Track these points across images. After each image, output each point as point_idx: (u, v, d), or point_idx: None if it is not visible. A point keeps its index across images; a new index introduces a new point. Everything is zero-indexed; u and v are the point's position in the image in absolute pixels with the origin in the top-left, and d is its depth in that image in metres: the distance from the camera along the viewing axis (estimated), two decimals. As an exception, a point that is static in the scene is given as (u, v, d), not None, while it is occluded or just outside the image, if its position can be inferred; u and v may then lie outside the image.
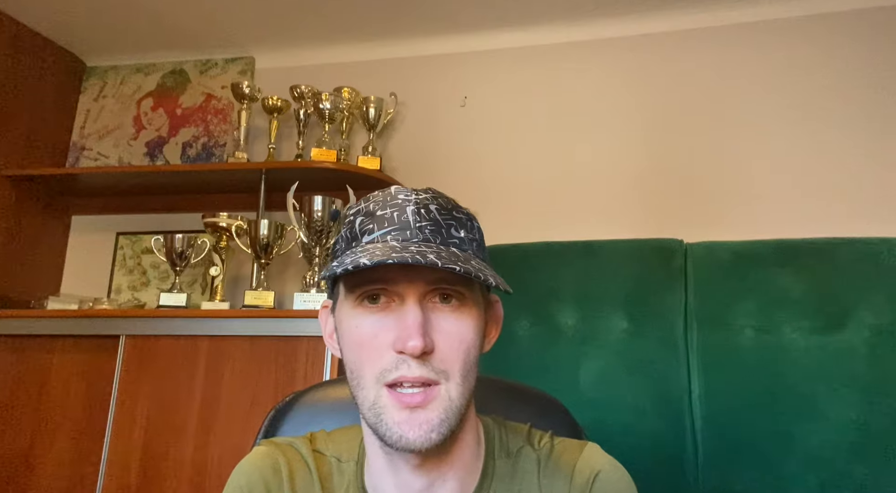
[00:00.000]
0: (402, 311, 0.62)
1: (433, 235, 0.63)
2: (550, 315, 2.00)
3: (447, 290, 0.63)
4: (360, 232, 0.64)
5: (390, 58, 2.59)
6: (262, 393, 1.88)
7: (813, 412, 1.73)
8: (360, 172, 2.27)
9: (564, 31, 2.44)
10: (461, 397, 0.63)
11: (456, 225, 0.66)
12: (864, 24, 2.18)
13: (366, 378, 0.62)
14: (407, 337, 0.60)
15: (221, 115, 2.65)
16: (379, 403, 0.61)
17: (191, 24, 2.52)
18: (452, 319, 0.63)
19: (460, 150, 2.45)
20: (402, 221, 0.63)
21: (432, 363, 0.61)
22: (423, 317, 0.61)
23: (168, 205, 2.62)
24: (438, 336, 0.62)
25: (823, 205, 2.09)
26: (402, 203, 0.65)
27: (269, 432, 0.95)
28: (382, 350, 0.62)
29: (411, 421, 0.60)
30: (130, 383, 1.97)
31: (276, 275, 2.43)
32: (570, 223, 2.27)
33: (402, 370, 0.60)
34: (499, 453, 0.72)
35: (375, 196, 0.67)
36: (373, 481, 0.69)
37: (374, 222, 0.64)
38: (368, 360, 0.62)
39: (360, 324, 0.63)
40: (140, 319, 2.03)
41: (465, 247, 0.65)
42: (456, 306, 0.64)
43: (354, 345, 0.64)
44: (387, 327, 0.62)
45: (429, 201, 0.65)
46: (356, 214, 0.67)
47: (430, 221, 0.64)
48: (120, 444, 1.93)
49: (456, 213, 0.67)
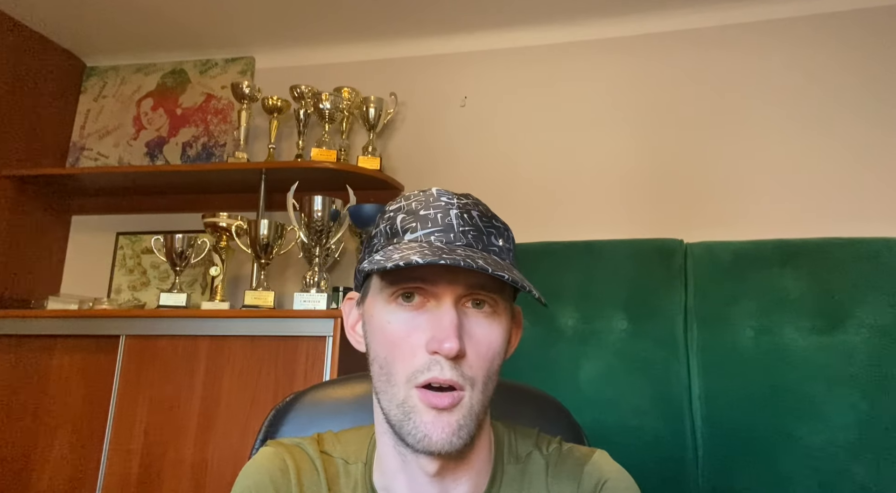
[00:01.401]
0: (438, 312, 0.62)
1: (475, 241, 0.64)
2: (550, 315, 2.00)
3: (482, 295, 0.63)
4: (402, 229, 0.64)
5: (390, 58, 2.59)
6: (262, 393, 1.88)
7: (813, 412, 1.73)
8: (360, 172, 2.27)
9: (564, 31, 2.44)
10: (481, 404, 0.63)
11: (495, 233, 0.66)
12: (864, 24, 2.18)
13: (397, 376, 0.62)
14: (444, 338, 0.60)
15: (221, 115, 2.65)
16: (409, 402, 0.61)
17: (191, 24, 2.52)
18: (485, 324, 0.64)
19: (460, 150, 2.45)
20: (445, 223, 0.64)
21: (462, 368, 0.61)
22: (459, 320, 0.61)
23: (168, 205, 2.62)
24: (469, 341, 0.62)
25: (823, 205, 2.09)
26: (445, 205, 0.65)
27: (269, 432, 0.95)
28: (416, 349, 0.62)
29: (437, 422, 0.61)
30: (130, 383, 1.97)
31: (276, 275, 2.44)
32: (570, 223, 2.27)
33: (435, 372, 0.60)
34: (508, 457, 0.72)
35: (416, 196, 0.68)
36: (384, 482, 0.69)
37: (417, 221, 0.64)
38: (401, 358, 0.62)
39: (392, 320, 0.63)
40: (140, 319, 2.03)
41: (504, 256, 0.66)
42: (488, 313, 0.64)
43: (386, 342, 0.63)
44: (420, 326, 0.62)
45: (471, 207, 0.66)
46: (397, 211, 0.67)
47: (472, 226, 0.65)
48: (120, 444, 1.93)
49: (495, 222, 0.68)
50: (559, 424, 0.92)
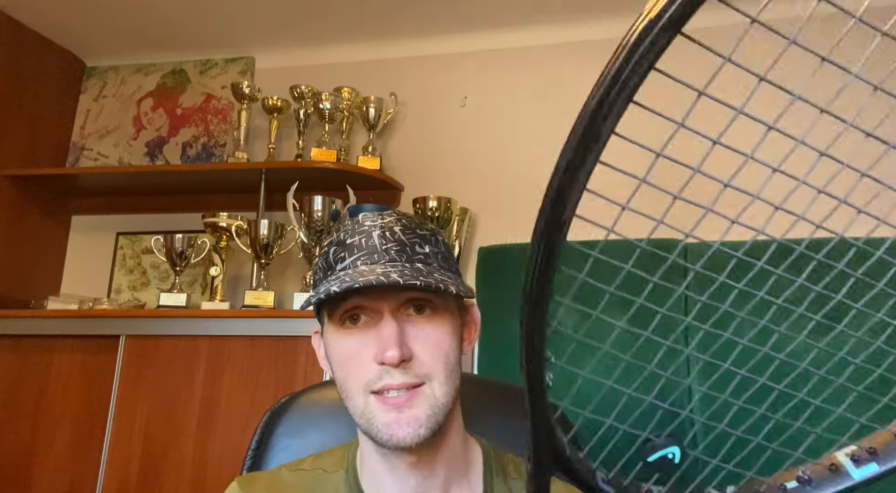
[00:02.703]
0: (380, 326, 0.67)
1: (398, 255, 0.68)
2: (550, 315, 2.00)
3: (419, 302, 0.68)
4: (334, 261, 0.70)
5: (390, 58, 2.59)
6: (262, 393, 1.88)
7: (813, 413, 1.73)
8: (360, 172, 2.27)
9: (564, 31, 2.43)
10: (446, 395, 0.67)
11: (420, 242, 0.70)
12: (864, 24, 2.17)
13: (352, 389, 0.67)
14: (385, 348, 0.64)
15: (221, 115, 2.65)
16: (368, 409, 0.66)
17: (191, 24, 2.52)
18: (428, 327, 0.68)
19: (460, 150, 2.45)
20: (369, 246, 0.68)
21: (413, 370, 0.66)
22: (399, 329, 0.66)
23: (168, 205, 2.62)
24: (416, 344, 0.67)
25: (823, 205, 2.08)
26: (368, 229, 0.70)
27: (265, 433, 0.95)
28: (366, 364, 0.66)
29: (399, 421, 0.65)
30: (130, 383, 1.97)
31: (276, 275, 2.43)
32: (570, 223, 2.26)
33: (386, 380, 0.65)
34: (496, 471, 0.76)
35: (346, 226, 0.73)
36: (371, 483, 0.72)
37: (345, 251, 0.69)
38: (354, 373, 0.67)
39: (342, 343, 0.69)
40: (140, 319, 2.03)
41: (430, 260, 0.70)
42: (429, 315, 0.69)
43: (341, 362, 0.69)
44: (368, 342, 0.67)
45: (393, 224, 0.70)
46: (329, 245, 0.72)
47: (395, 242, 0.69)
48: (120, 444, 1.93)
49: (419, 230, 0.71)
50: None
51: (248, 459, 0.94)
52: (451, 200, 2.22)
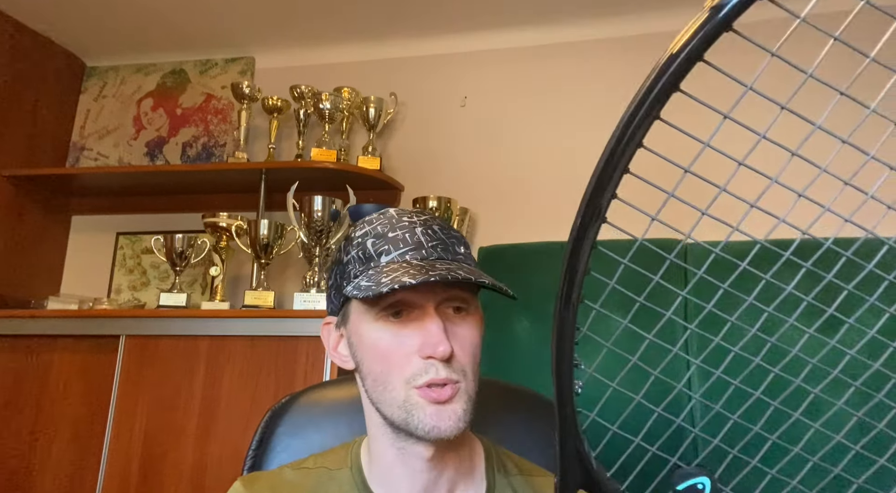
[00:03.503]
0: (424, 321, 0.68)
1: (444, 253, 0.70)
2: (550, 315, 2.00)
3: (458, 300, 0.70)
4: (376, 253, 0.70)
5: (390, 58, 2.59)
6: (262, 393, 1.88)
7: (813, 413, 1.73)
8: (360, 172, 2.27)
9: (564, 31, 2.43)
10: (474, 390, 0.71)
11: (457, 242, 0.72)
12: (864, 24, 2.17)
13: (394, 383, 0.68)
14: (436, 343, 0.66)
15: (221, 115, 2.65)
16: (410, 401, 0.68)
17: (191, 24, 2.52)
18: (465, 325, 0.71)
19: (460, 150, 2.45)
20: (415, 242, 0.69)
21: (454, 366, 0.68)
22: (444, 325, 0.68)
23: (168, 205, 2.62)
24: (455, 341, 0.68)
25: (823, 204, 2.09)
26: (409, 225, 0.71)
27: (265, 433, 0.95)
28: (409, 357, 0.68)
29: (441, 414, 0.67)
30: (130, 383, 1.97)
31: (276, 275, 2.43)
32: (570, 223, 2.26)
33: (432, 374, 0.67)
34: (498, 468, 0.77)
35: (379, 219, 0.73)
36: (380, 478, 0.73)
37: (388, 243, 0.70)
38: (397, 366, 0.68)
39: (384, 336, 0.69)
40: (140, 319, 2.03)
41: (469, 261, 0.72)
42: (465, 315, 0.71)
43: (380, 356, 0.70)
44: (409, 336, 0.68)
45: (431, 222, 0.72)
46: (364, 236, 0.72)
47: (438, 240, 0.71)
48: (120, 444, 1.93)
49: (453, 232, 0.73)
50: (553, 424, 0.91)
51: (249, 459, 0.94)
52: (451, 200, 2.22)
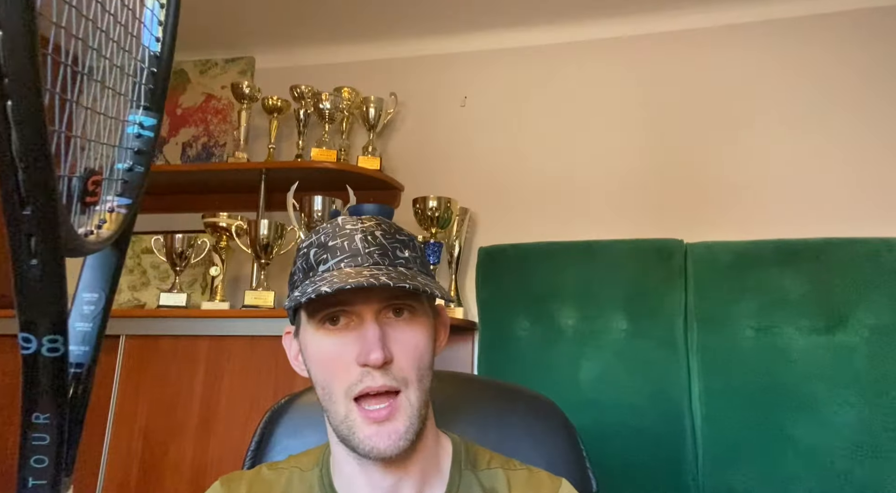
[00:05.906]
0: (362, 328, 0.68)
1: (381, 258, 0.70)
2: (550, 315, 2.00)
3: (399, 305, 0.70)
4: (316, 262, 0.71)
5: (390, 58, 2.59)
6: (262, 393, 1.88)
7: (813, 412, 1.73)
8: (360, 172, 2.27)
9: (564, 31, 2.43)
10: (419, 400, 0.69)
11: (400, 246, 0.72)
12: (864, 24, 2.17)
13: (336, 393, 0.69)
14: (369, 351, 0.66)
15: (221, 115, 2.66)
16: (350, 417, 0.68)
17: (190, 24, 2.52)
18: (407, 330, 0.70)
19: (460, 150, 2.45)
20: (352, 249, 0.70)
21: (393, 372, 0.67)
22: (381, 331, 0.67)
23: (168, 205, 2.62)
24: (395, 347, 0.68)
25: (823, 205, 2.09)
26: (350, 232, 0.71)
27: (265, 433, 0.95)
28: (348, 365, 0.68)
29: (380, 434, 0.67)
30: (130, 383, 1.97)
31: (276, 275, 2.43)
32: (570, 223, 2.27)
33: (367, 382, 0.67)
34: (465, 464, 0.77)
35: (325, 228, 0.73)
36: (343, 484, 0.74)
37: (327, 252, 0.70)
38: (336, 376, 0.68)
39: (324, 344, 0.70)
40: (140, 319, 2.03)
41: (411, 265, 0.71)
42: (408, 319, 0.70)
43: (322, 364, 0.70)
44: (349, 344, 0.68)
45: (374, 228, 0.72)
46: (309, 246, 0.73)
47: (377, 245, 0.70)
48: (120, 444, 1.93)
49: (399, 236, 0.73)
50: (553, 424, 0.91)
51: (248, 459, 0.94)
52: (451, 200, 2.22)
